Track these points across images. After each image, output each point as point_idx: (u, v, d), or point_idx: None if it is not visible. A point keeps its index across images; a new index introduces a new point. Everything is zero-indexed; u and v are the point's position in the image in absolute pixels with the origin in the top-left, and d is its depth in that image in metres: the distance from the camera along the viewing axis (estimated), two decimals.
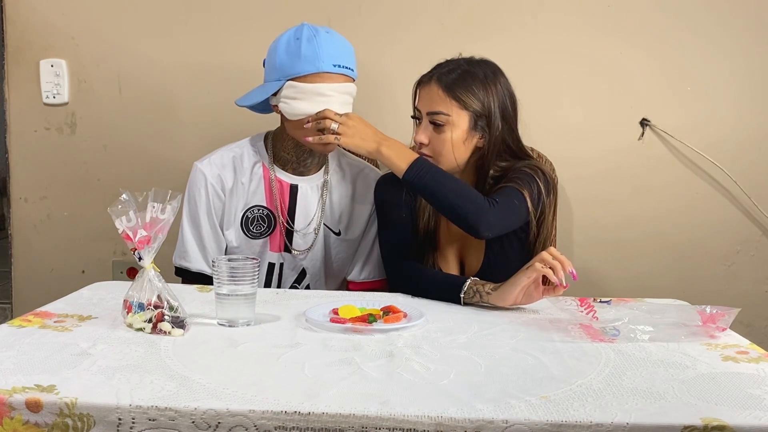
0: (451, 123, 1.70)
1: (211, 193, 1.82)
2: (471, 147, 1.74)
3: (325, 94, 1.71)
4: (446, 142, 1.71)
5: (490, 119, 1.72)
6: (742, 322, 1.91)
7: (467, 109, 1.70)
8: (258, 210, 1.85)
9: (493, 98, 1.72)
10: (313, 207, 1.88)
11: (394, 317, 1.43)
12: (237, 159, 1.85)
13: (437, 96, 1.71)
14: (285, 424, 1.00)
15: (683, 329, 1.40)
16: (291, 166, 1.86)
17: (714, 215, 2.28)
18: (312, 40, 1.71)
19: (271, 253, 1.88)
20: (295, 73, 1.72)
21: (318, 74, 1.71)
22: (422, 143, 1.73)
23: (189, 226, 1.83)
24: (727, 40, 2.22)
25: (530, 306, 1.59)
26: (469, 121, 1.71)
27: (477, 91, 1.71)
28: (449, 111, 1.70)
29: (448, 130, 1.71)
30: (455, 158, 1.73)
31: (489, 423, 0.99)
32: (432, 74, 1.75)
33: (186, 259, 1.83)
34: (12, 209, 2.38)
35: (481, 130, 1.73)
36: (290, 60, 1.72)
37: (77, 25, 2.30)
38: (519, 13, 2.23)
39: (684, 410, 1.04)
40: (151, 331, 1.33)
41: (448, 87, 1.71)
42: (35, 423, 1.01)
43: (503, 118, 1.73)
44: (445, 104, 1.70)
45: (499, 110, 1.72)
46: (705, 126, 2.25)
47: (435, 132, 1.72)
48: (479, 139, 1.74)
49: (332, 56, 1.72)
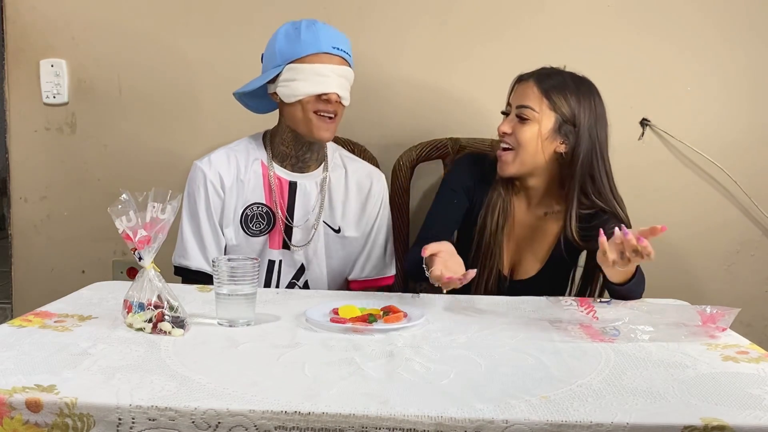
0: (537, 120, 1.76)
1: (211, 192, 1.82)
2: (551, 149, 1.78)
3: (324, 74, 1.74)
4: (528, 135, 1.76)
5: (576, 128, 1.76)
6: (742, 322, 1.90)
7: (555, 111, 1.76)
8: (257, 208, 1.85)
9: (583, 110, 1.76)
10: (312, 203, 1.89)
11: (394, 317, 1.43)
12: (236, 157, 1.86)
13: (531, 92, 1.77)
14: (285, 424, 1.00)
15: (683, 329, 1.41)
16: (290, 162, 1.87)
17: (714, 215, 2.28)
18: (311, 27, 1.77)
19: (270, 251, 1.88)
20: (295, 56, 1.75)
21: (317, 55, 1.74)
22: (505, 132, 1.79)
23: (188, 225, 1.84)
24: (728, 40, 2.22)
25: (530, 306, 1.60)
26: (554, 123, 1.76)
27: (569, 97, 1.76)
28: (538, 108, 1.76)
29: (532, 125, 1.76)
30: (534, 152, 1.77)
31: (489, 423, 0.99)
32: (532, 74, 1.81)
33: (185, 257, 1.83)
34: (12, 209, 2.38)
35: (564, 136, 1.77)
36: (290, 45, 1.76)
37: (77, 25, 2.30)
38: (519, 13, 2.23)
39: (684, 410, 1.04)
40: (151, 331, 1.33)
41: (544, 87, 1.77)
42: (35, 423, 1.01)
43: (590, 135, 1.77)
44: (535, 101, 1.76)
45: (586, 123, 1.76)
46: (705, 126, 2.25)
47: (519, 124, 1.77)
48: (560, 144, 1.77)
49: (331, 39, 1.76)
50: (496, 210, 1.84)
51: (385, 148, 2.25)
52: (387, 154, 2.23)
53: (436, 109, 2.27)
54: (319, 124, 1.77)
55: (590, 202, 1.78)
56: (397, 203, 2.15)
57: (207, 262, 1.82)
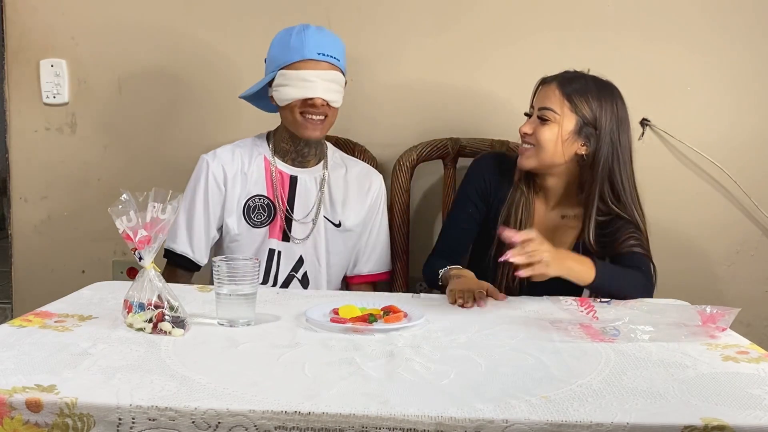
0: (557, 121, 1.77)
1: (211, 184, 1.90)
2: (572, 151, 1.78)
3: (309, 80, 1.81)
4: (548, 135, 1.77)
5: (597, 131, 1.77)
6: (742, 322, 1.90)
7: (576, 114, 1.76)
8: (259, 199, 1.92)
9: (605, 113, 1.77)
10: (312, 198, 1.95)
11: (394, 317, 1.43)
12: (240, 152, 1.94)
13: (553, 95, 1.78)
14: (285, 424, 1.00)
15: (683, 329, 1.41)
16: (290, 157, 1.94)
17: (714, 215, 2.27)
18: (301, 33, 1.84)
19: (270, 241, 1.93)
20: (285, 62, 1.83)
21: (303, 61, 1.81)
22: (526, 133, 1.80)
23: (183, 211, 1.90)
24: (728, 40, 2.22)
25: (530, 306, 1.60)
26: (575, 125, 1.77)
27: (591, 100, 1.77)
28: (559, 110, 1.77)
29: (553, 127, 1.77)
30: (553, 153, 1.78)
31: (489, 423, 0.99)
32: (556, 77, 1.82)
33: (173, 240, 1.90)
34: (12, 209, 2.38)
35: (585, 138, 1.77)
36: (281, 51, 1.84)
37: (77, 25, 2.30)
38: (519, 14, 2.23)
39: (684, 410, 1.04)
40: (151, 331, 1.33)
41: (566, 89, 1.78)
42: (35, 423, 1.01)
43: (611, 138, 1.77)
44: (557, 103, 1.77)
45: (608, 126, 1.77)
46: (705, 126, 2.25)
47: (540, 125, 1.79)
48: (581, 146, 1.78)
49: (317, 46, 1.82)
50: (519, 208, 1.85)
51: (385, 148, 2.25)
52: (387, 154, 2.24)
53: (436, 109, 2.27)
54: (307, 125, 1.85)
55: (607, 207, 1.78)
56: (397, 203, 2.15)
57: (191, 248, 1.91)
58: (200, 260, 1.92)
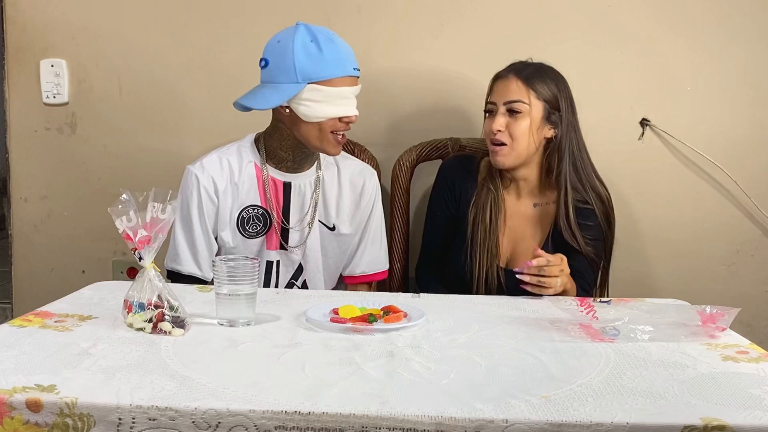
0: (527, 112, 1.82)
1: (204, 196, 1.82)
2: (541, 137, 1.85)
3: (347, 97, 1.76)
4: (522, 128, 1.82)
5: (559, 112, 1.84)
6: (742, 322, 1.90)
7: (542, 99, 1.83)
8: (253, 210, 1.86)
9: (562, 94, 1.85)
10: (307, 201, 1.90)
11: (394, 317, 1.43)
12: (228, 161, 1.85)
13: (515, 86, 1.83)
14: (285, 424, 1.00)
15: (683, 329, 1.41)
16: (285, 165, 1.87)
17: (714, 215, 2.27)
18: (330, 44, 1.74)
19: (268, 252, 1.89)
20: (320, 77, 1.73)
21: (343, 78, 1.75)
22: (498, 130, 1.83)
23: (180, 229, 1.83)
24: (728, 40, 2.22)
25: (530, 306, 1.60)
26: (543, 111, 1.83)
27: (550, 83, 1.84)
28: (527, 100, 1.82)
29: (524, 118, 1.82)
30: (528, 144, 1.83)
31: (489, 423, 0.99)
32: (509, 69, 1.88)
33: (177, 262, 1.83)
34: (12, 209, 2.38)
35: (551, 122, 1.84)
36: (312, 63, 1.72)
37: (77, 25, 2.30)
38: (519, 14, 2.23)
39: (684, 410, 1.04)
40: (151, 330, 1.33)
41: (526, 78, 1.83)
42: (35, 423, 1.01)
43: (568, 118, 1.85)
44: (522, 93, 1.82)
45: (564, 106, 1.85)
46: (705, 126, 2.25)
47: (511, 119, 1.82)
48: (548, 130, 1.85)
49: (351, 59, 1.78)
50: (487, 206, 1.89)
51: (385, 148, 2.25)
52: (387, 154, 2.23)
53: (436, 109, 2.27)
54: (335, 143, 1.80)
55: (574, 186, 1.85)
56: (397, 203, 2.15)
57: (198, 267, 1.83)
58: (208, 276, 1.84)
